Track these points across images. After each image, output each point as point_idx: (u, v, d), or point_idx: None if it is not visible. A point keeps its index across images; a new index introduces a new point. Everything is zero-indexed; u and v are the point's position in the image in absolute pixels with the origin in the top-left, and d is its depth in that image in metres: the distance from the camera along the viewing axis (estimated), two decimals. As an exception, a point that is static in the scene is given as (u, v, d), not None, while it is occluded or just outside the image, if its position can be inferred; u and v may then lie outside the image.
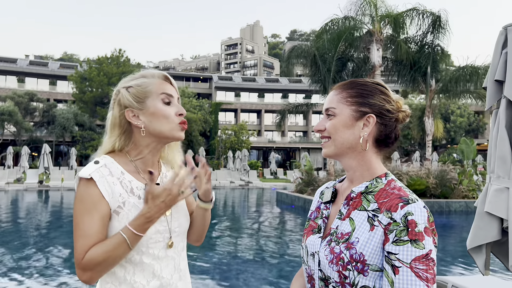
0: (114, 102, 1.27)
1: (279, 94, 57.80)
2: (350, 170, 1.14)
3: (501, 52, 2.33)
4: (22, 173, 24.32)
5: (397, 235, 0.96)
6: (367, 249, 0.99)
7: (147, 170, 1.15)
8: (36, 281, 5.35)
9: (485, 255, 2.32)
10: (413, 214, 0.96)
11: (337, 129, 1.11)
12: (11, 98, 38.56)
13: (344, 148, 1.11)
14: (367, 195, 1.07)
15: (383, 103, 1.10)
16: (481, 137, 45.81)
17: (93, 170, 1.17)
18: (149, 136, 1.24)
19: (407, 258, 0.94)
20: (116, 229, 1.15)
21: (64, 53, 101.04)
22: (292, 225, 11.45)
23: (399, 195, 1.02)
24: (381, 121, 1.10)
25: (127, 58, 40.84)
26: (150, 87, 1.24)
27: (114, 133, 1.25)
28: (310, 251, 1.13)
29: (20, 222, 10.87)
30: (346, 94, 1.13)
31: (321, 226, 1.15)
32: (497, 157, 2.26)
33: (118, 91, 1.27)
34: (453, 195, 13.52)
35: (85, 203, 1.14)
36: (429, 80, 17.36)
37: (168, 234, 1.24)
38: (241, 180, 26.99)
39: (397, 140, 1.14)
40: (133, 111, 1.23)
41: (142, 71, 1.32)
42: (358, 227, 1.03)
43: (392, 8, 16.84)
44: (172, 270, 1.25)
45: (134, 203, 1.19)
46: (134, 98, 1.23)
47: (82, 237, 1.11)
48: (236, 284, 5.40)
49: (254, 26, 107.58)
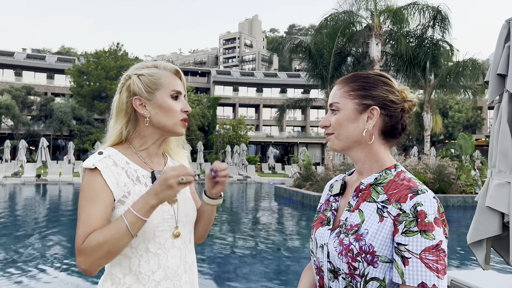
0: (122, 87, 1.26)
1: (278, 88, 57.70)
2: (358, 163, 1.14)
3: (503, 46, 2.31)
4: (19, 167, 24.26)
5: (406, 226, 0.96)
6: (377, 240, 0.99)
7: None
8: (34, 275, 5.34)
9: (485, 250, 2.31)
10: (423, 205, 0.96)
11: (341, 124, 1.11)
12: (8, 92, 38.35)
13: (350, 142, 1.11)
14: (376, 187, 1.07)
15: (386, 94, 1.09)
16: (479, 133, 45.89)
17: (97, 160, 1.17)
18: (152, 127, 1.26)
19: (417, 249, 0.94)
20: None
21: (62, 47, 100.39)
22: (290, 220, 11.46)
23: (409, 186, 1.01)
24: (385, 113, 1.09)
25: (125, 52, 40.63)
26: (162, 80, 1.24)
27: (120, 120, 1.25)
28: (319, 243, 1.13)
29: (18, 216, 10.85)
30: (348, 88, 1.12)
31: (330, 218, 1.15)
32: (498, 152, 2.25)
33: (128, 76, 1.27)
34: (451, 190, 13.56)
35: (89, 191, 1.14)
36: (428, 75, 17.34)
37: (174, 223, 1.24)
38: (239, 175, 26.99)
39: (404, 131, 1.13)
40: (141, 99, 1.23)
41: (154, 61, 1.32)
42: (367, 218, 1.03)
43: (392, 2, 16.76)
44: (178, 262, 1.24)
45: (140, 191, 1.20)
46: (145, 88, 1.23)
47: (84, 224, 1.10)
48: (234, 279, 5.40)
49: (253, 21, 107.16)
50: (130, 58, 41.47)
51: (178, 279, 1.24)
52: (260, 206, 14.25)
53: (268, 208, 13.74)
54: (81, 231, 1.10)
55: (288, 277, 5.52)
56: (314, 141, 50.77)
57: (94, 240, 1.07)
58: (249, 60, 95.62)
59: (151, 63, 1.29)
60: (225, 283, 5.20)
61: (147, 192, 1.10)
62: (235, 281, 5.31)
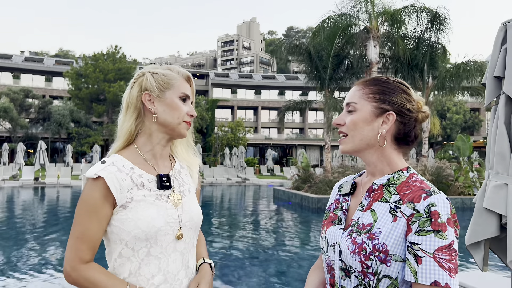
0: (134, 82, 1.29)
1: (276, 91, 57.74)
2: (371, 165, 1.15)
3: (500, 48, 2.33)
4: (17, 170, 24.21)
5: (420, 225, 0.98)
6: (390, 239, 1.00)
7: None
8: (31, 278, 5.33)
9: (483, 251, 2.32)
10: (436, 205, 0.98)
11: (356, 125, 1.13)
12: (6, 95, 38.28)
13: (363, 144, 1.13)
14: (389, 187, 1.09)
15: (404, 102, 1.12)
16: (477, 134, 45.98)
17: (100, 169, 1.18)
18: (158, 125, 1.27)
19: (430, 248, 0.95)
20: (123, 220, 1.17)
21: (60, 50, 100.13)
22: (289, 222, 11.46)
23: (422, 187, 1.04)
24: (400, 120, 1.11)
25: (123, 54, 40.58)
26: (174, 81, 1.28)
27: (130, 115, 1.27)
28: (330, 242, 1.14)
29: (16, 219, 10.82)
30: (368, 90, 1.14)
31: (341, 217, 1.16)
32: (496, 153, 2.26)
33: (142, 73, 1.30)
34: (449, 191, 13.59)
35: (87, 204, 1.16)
36: (426, 77, 17.39)
37: (178, 227, 1.24)
38: (238, 177, 26.97)
39: (417, 139, 1.15)
40: (150, 95, 1.26)
41: (169, 65, 1.36)
42: (380, 218, 1.05)
43: (389, 5, 16.81)
44: (180, 266, 1.24)
45: (143, 196, 1.21)
46: (157, 85, 1.26)
47: (77, 237, 1.15)
48: (233, 281, 5.40)
49: (251, 23, 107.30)
50: (129, 61, 41.45)
51: (178, 283, 1.23)
52: (258, 209, 14.24)
53: (266, 210, 13.73)
54: (74, 244, 1.15)
55: (287, 279, 5.52)
56: (312, 143, 50.80)
57: (92, 278, 1.13)
58: (247, 63, 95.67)
59: (165, 66, 1.33)
60: (223, 286, 5.19)
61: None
62: (233, 283, 5.30)
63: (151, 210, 1.19)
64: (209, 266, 1.34)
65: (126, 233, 1.16)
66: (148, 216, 1.17)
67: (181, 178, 1.33)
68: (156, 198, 1.22)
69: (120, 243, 1.18)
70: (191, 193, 1.34)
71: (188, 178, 1.37)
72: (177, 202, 1.25)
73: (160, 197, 1.23)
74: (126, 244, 1.17)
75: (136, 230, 1.15)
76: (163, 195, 1.24)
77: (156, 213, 1.19)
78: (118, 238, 1.18)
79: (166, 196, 1.24)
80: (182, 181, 1.33)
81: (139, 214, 1.17)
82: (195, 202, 1.34)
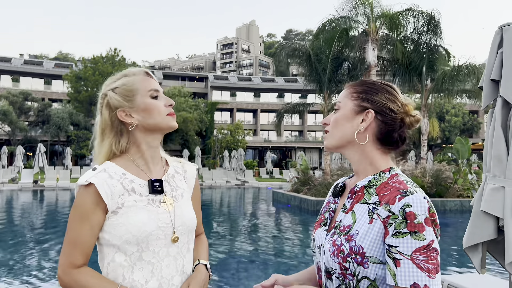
0: (101, 106, 1.28)
1: (275, 93, 57.79)
2: (354, 163, 1.17)
3: (496, 52, 2.34)
4: (16, 173, 24.16)
5: (396, 227, 0.97)
6: (366, 241, 1.00)
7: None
8: (29, 281, 5.32)
9: (481, 254, 2.33)
10: (411, 206, 0.97)
11: (337, 122, 1.15)
12: (5, 98, 38.23)
13: (343, 141, 1.15)
14: (369, 189, 1.09)
15: (386, 102, 1.12)
16: (476, 137, 46.05)
17: (91, 176, 1.19)
18: (144, 132, 1.27)
19: (407, 250, 0.95)
20: (114, 226, 1.17)
21: (59, 52, 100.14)
22: (288, 224, 11.45)
23: (399, 188, 1.03)
24: (381, 119, 1.11)
25: (122, 57, 40.65)
26: (136, 85, 1.26)
27: (107, 137, 1.27)
28: (317, 243, 1.16)
29: (15, 222, 10.80)
30: (353, 90, 1.17)
31: (328, 219, 1.18)
32: (493, 156, 2.28)
33: (104, 94, 1.28)
34: (448, 194, 13.58)
35: (79, 211, 1.18)
36: (424, 79, 17.43)
37: (171, 231, 1.24)
38: (237, 180, 26.95)
39: (404, 142, 1.14)
40: (124, 110, 1.25)
41: (122, 71, 1.34)
42: (359, 220, 1.05)
43: (388, 8, 16.88)
44: (174, 271, 1.24)
45: (134, 201, 1.21)
46: (123, 98, 1.25)
47: (70, 243, 1.17)
48: (231, 283, 5.40)
49: (250, 26, 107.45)
50: (128, 64, 41.47)
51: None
52: (258, 211, 14.23)
53: (266, 213, 13.73)
54: (67, 250, 1.17)
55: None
56: (311, 145, 50.81)
57: (83, 281, 1.15)
58: (247, 65, 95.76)
59: (119, 74, 1.31)
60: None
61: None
62: (232, 286, 5.30)
63: (142, 214, 1.19)
64: (204, 267, 1.33)
65: (118, 238, 1.17)
66: (139, 221, 1.18)
67: (174, 183, 1.33)
68: (148, 203, 1.22)
69: (113, 247, 1.18)
70: (185, 198, 1.33)
71: (183, 183, 1.36)
72: (169, 207, 1.25)
73: (152, 201, 1.23)
74: (118, 249, 1.18)
75: (127, 234, 1.16)
76: (155, 200, 1.24)
77: (147, 217, 1.19)
78: (110, 244, 1.18)
79: (158, 201, 1.24)
80: (176, 186, 1.33)
81: (130, 219, 1.17)
82: (188, 206, 1.33)
